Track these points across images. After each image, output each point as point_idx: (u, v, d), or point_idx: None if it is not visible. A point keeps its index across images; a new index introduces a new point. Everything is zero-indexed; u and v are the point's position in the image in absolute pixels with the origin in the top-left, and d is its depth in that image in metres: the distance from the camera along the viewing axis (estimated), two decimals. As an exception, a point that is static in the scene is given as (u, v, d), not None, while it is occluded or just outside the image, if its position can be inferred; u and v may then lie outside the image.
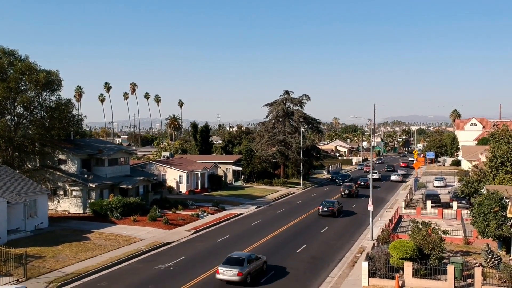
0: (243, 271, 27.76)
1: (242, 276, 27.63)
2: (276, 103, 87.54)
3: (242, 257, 28.98)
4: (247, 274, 28.06)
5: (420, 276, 27.31)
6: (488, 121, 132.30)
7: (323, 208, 51.53)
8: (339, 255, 35.73)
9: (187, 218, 47.97)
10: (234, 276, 27.64)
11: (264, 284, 28.52)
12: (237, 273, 27.62)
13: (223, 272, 28.01)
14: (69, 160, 50.74)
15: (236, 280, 27.64)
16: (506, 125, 57.23)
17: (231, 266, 28.07)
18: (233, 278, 27.69)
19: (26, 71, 47.48)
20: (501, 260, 28.91)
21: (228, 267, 28.01)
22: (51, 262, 32.12)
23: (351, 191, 66.93)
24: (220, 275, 28.10)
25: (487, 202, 33.72)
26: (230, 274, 27.78)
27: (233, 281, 27.81)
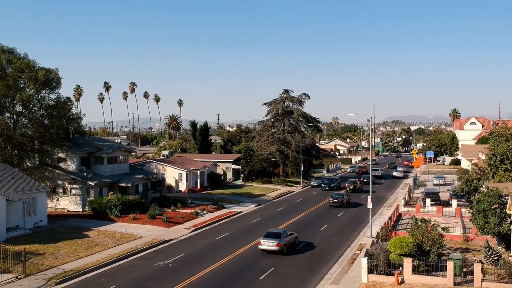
0: (281, 243, 33.88)
1: (280, 246, 33.78)
2: (275, 102, 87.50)
3: (279, 232, 35.34)
4: (284, 245, 34.07)
5: (419, 272, 27.27)
6: (488, 120, 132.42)
7: (333, 200, 56.45)
8: (338, 252, 35.70)
9: (187, 216, 47.93)
10: (274, 247, 33.81)
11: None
12: (276, 244, 33.79)
13: (264, 243, 34.16)
14: (68, 158, 50.67)
15: (275, 249, 33.78)
16: (505, 123, 57.16)
17: (271, 238, 34.13)
18: (272, 248, 33.82)
19: (25, 69, 47.39)
20: (501, 257, 28.87)
21: (268, 239, 34.10)
22: (50, 259, 32.07)
23: (356, 186, 71.78)
24: (262, 246, 34.24)
25: (486, 199, 33.70)
26: (270, 245, 33.94)
27: (273, 250, 33.88)
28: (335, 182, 73.30)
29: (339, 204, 55.72)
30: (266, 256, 33.94)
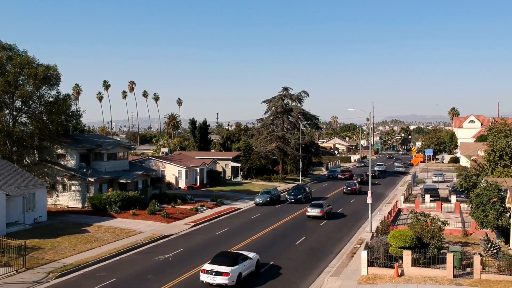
0: (324, 210, 46.06)
1: (323, 213, 45.98)
2: (274, 100, 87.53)
3: (321, 203, 48.17)
4: (325, 212, 46.39)
5: (419, 265, 27.35)
6: (487, 118, 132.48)
7: (347, 188, 65.76)
8: (338, 247, 35.77)
9: (186, 212, 47.98)
10: (318, 213, 45.89)
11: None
12: (319, 211, 46.00)
13: (311, 211, 46.23)
14: (68, 154, 50.69)
15: (320, 215, 45.84)
16: (504, 119, 57.30)
17: (315, 207, 46.54)
18: (317, 214, 45.84)
19: (25, 65, 47.47)
20: (500, 250, 28.95)
21: (313, 208, 46.48)
22: (50, 253, 32.14)
23: (363, 179, 76.40)
24: (309, 213, 46.25)
25: (485, 193, 33.79)
26: (315, 212, 45.94)
27: (318, 216, 45.86)
28: (303, 193, 57.49)
29: (352, 192, 64.79)
30: (265, 250, 33.99)
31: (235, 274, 25.53)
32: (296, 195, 56.85)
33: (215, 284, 25.45)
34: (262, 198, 55.06)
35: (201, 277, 25.81)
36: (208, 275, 25.44)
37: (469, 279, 25.84)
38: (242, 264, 26.61)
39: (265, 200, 54.63)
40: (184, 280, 27.27)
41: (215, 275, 25.27)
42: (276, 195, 56.95)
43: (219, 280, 25.16)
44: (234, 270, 25.56)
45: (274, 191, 58.05)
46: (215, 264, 25.83)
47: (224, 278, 25.09)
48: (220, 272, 25.22)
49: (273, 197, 56.11)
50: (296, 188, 60.13)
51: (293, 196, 56.65)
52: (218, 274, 25.21)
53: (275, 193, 57.30)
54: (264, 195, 55.92)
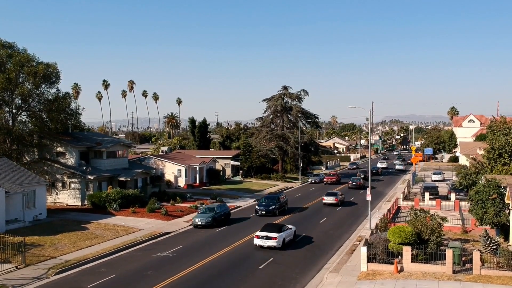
0: (338, 198, 52.75)
1: (338, 201, 52.60)
2: (274, 98, 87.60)
3: (336, 192, 54.73)
4: (339, 200, 52.97)
5: (418, 261, 27.36)
6: (486, 118, 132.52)
7: (352, 183, 70.18)
8: (338, 244, 35.79)
9: (186, 210, 48.00)
10: (333, 201, 52.65)
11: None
12: (334, 199, 52.61)
13: (327, 199, 52.97)
14: (68, 152, 50.72)
15: (334, 202, 52.56)
16: (504, 117, 57.30)
17: (331, 196, 53.16)
18: (332, 202, 52.63)
19: (25, 63, 47.49)
20: (499, 246, 28.98)
21: (329, 196, 53.07)
22: (50, 250, 32.16)
23: (366, 175, 75.31)
24: (325, 200, 53.14)
25: (485, 190, 33.83)
26: (331, 199, 52.85)
27: (332, 203, 52.61)
28: (276, 203, 48.01)
29: (357, 186, 69.22)
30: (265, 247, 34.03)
31: (281, 238, 32.88)
32: (268, 206, 47.01)
33: (266, 246, 32.57)
34: (202, 218, 41.12)
35: (254, 241, 33.26)
36: (260, 239, 32.78)
37: (468, 275, 25.85)
38: (285, 232, 34.00)
39: (206, 221, 40.79)
40: (184, 276, 27.27)
41: (266, 239, 32.59)
42: (222, 213, 43.15)
43: (269, 243, 32.48)
44: (280, 235, 32.94)
45: (221, 207, 43.87)
46: (265, 232, 33.10)
47: (273, 241, 32.43)
48: (270, 236, 32.63)
49: (219, 215, 42.36)
50: (268, 197, 50.31)
51: (264, 207, 46.73)
52: (268, 238, 32.59)
53: (221, 211, 43.28)
54: (205, 213, 41.91)
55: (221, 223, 42.18)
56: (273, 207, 47.10)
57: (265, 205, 47.40)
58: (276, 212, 46.87)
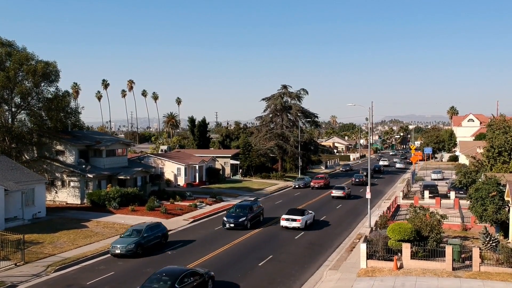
0: (346, 192, 57.53)
1: (345, 194, 57.38)
2: (274, 97, 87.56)
3: (343, 186, 60.04)
4: (347, 193, 57.89)
5: (418, 258, 27.33)
6: (486, 117, 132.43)
7: (355, 179, 73.57)
8: (337, 241, 35.80)
9: (185, 208, 47.97)
10: (341, 194, 57.28)
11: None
12: (342, 193, 57.35)
13: (335, 192, 57.70)
14: (67, 150, 50.67)
15: (342, 195, 57.14)
16: (503, 116, 57.37)
17: (339, 189, 57.98)
18: (340, 195, 57.24)
19: (24, 61, 47.41)
20: (499, 243, 28.91)
21: (337, 190, 57.88)
22: (49, 247, 32.13)
23: None
24: (333, 194, 57.78)
25: (485, 187, 33.82)
26: (339, 193, 57.49)
27: (341, 196, 57.20)
28: (248, 214, 40.20)
29: (360, 183, 71.44)
30: (266, 244, 34.05)
31: (303, 221, 39.02)
32: (238, 217, 39.49)
33: (291, 227, 38.66)
34: (123, 244, 30.58)
35: (281, 223, 39.24)
36: (286, 221, 38.99)
37: (468, 272, 25.83)
38: (307, 215, 40.19)
39: (128, 249, 30.42)
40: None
41: (291, 221, 38.79)
42: (152, 237, 32.37)
43: (294, 224, 38.66)
44: (303, 218, 39.11)
45: (152, 229, 32.88)
46: (290, 215, 39.21)
47: (297, 223, 38.62)
48: (294, 219, 38.78)
49: (146, 240, 31.72)
50: (240, 206, 41.86)
51: (232, 219, 39.31)
52: (293, 220, 38.76)
53: (152, 234, 32.55)
54: (129, 237, 31.48)
55: (151, 250, 31.75)
56: (243, 219, 39.12)
57: (234, 217, 39.64)
58: (247, 225, 39.06)
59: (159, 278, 21.66)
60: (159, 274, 22.06)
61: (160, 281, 21.40)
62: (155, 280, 21.61)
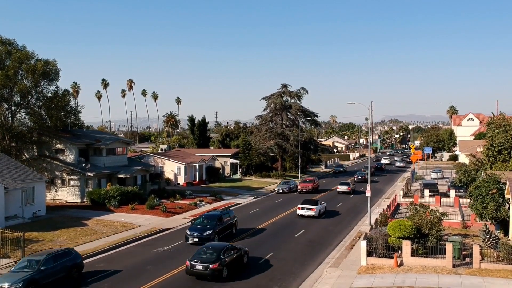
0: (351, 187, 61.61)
1: (350, 189, 61.08)
2: (273, 96, 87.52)
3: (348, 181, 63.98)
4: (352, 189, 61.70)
5: (418, 255, 27.34)
6: (485, 116, 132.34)
7: (358, 177, 75.19)
8: (337, 239, 35.79)
9: (185, 206, 47.96)
10: (346, 189, 60.89)
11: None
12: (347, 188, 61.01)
13: (341, 188, 61.27)
14: (67, 149, 50.63)
15: (348, 190, 60.77)
16: (503, 114, 57.34)
17: (344, 185, 61.80)
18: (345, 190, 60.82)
19: (24, 60, 47.38)
20: (499, 240, 28.90)
21: (343, 185, 61.69)
22: (49, 245, 32.09)
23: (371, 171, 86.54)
24: (339, 189, 61.32)
25: (485, 185, 33.81)
26: (344, 188, 61.05)
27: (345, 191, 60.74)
28: (216, 226, 34.35)
29: (362, 180, 72.23)
30: (265, 241, 34.06)
31: (317, 210, 44.12)
32: (203, 230, 33.56)
33: (306, 215, 43.50)
34: (7, 283, 22.66)
35: (297, 211, 44.38)
36: (302, 210, 43.99)
37: (468, 269, 25.82)
38: (320, 205, 45.30)
39: None
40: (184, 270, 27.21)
41: (306, 209, 43.83)
42: (52, 271, 24.37)
43: (309, 212, 43.66)
44: (317, 207, 44.26)
45: (55, 259, 24.97)
46: (306, 204, 44.40)
47: (312, 211, 43.62)
48: (309, 208, 43.91)
49: (44, 276, 23.89)
50: (208, 216, 35.96)
51: (197, 232, 33.47)
52: (308, 209, 43.83)
53: (55, 266, 24.64)
54: (18, 273, 23.68)
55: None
56: (209, 232, 33.29)
57: (199, 229, 33.84)
58: (214, 239, 33.07)
59: (206, 251, 26.02)
60: (205, 248, 26.48)
61: (207, 253, 25.76)
62: (202, 252, 25.94)
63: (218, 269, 24.93)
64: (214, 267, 24.83)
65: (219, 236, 33.95)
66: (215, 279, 25.03)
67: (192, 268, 25.20)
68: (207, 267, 24.85)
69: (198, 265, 25.12)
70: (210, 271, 24.81)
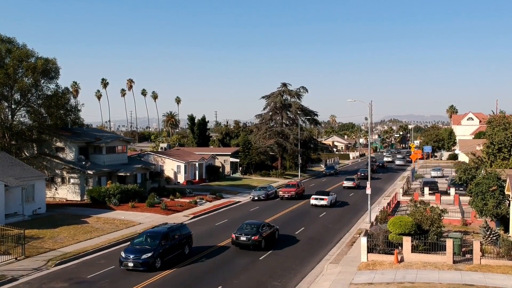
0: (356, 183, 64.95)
1: (355, 184, 64.74)
2: (273, 95, 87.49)
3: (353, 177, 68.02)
4: (357, 184, 65.22)
5: (419, 251, 27.36)
6: (485, 115, 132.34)
7: (361, 174, 77.44)
8: (337, 237, 35.83)
9: (186, 204, 47.96)
10: (352, 184, 64.57)
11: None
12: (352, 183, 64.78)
13: (346, 183, 65.21)
14: (67, 147, 50.62)
15: (353, 186, 64.67)
16: (503, 112, 57.35)
17: (350, 180, 65.57)
18: (351, 185, 64.44)
19: (24, 58, 47.36)
20: (500, 237, 28.94)
21: (348, 181, 65.61)
22: (50, 242, 32.10)
23: (373, 168, 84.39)
24: (344, 184, 65.37)
25: (485, 182, 33.85)
26: (350, 183, 64.88)
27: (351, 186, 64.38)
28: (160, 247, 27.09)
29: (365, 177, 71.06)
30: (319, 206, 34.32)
31: (329, 200, 49.07)
32: (141, 253, 26.41)
33: (319, 205, 48.41)
34: None
35: (311, 201, 49.31)
36: (315, 200, 49.06)
37: (469, 265, 25.86)
38: (331, 196, 50.39)
39: None
40: (185, 267, 27.23)
41: (319, 200, 48.85)
42: None
43: (322, 202, 48.66)
44: (329, 198, 49.21)
45: None
46: (318, 195, 49.68)
47: (324, 201, 48.65)
48: (322, 198, 48.97)
49: None
50: (151, 234, 28.33)
51: (132, 255, 26.34)
52: (321, 199, 48.90)
53: None
54: None
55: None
56: (149, 256, 26.10)
57: (137, 251, 26.63)
58: (154, 264, 26.24)
59: (247, 227, 31.87)
60: (246, 224, 32.41)
61: (248, 228, 31.55)
62: (245, 227, 31.86)
63: (258, 240, 30.63)
64: (255, 239, 30.58)
65: (163, 259, 26.87)
66: (256, 248, 30.55)
67: (237, 240, 30.91)
68: (250, 238, 30.62)
69: (242, 237, 30.81)
70: (252, 242, 30.57)
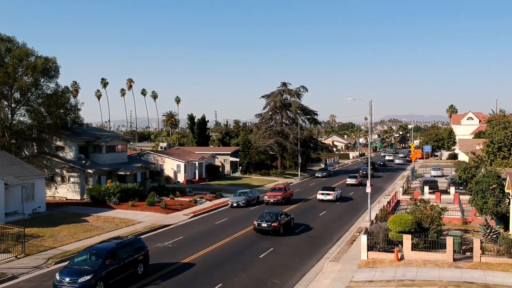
0: (359, 180, 67.64)
1: (358, 182, 67.03)
2: (273, 95, 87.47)
3: (356, 175, 70.65)
4: (360, 181, 67.33)
5: (419, 249, 27.35)
6: (485, 115, 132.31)
7: (363, 172, 78.08)
8: (337, 235, 35.85)
9: (185, 203, 47.95)
10: (354, 182, 66.94)
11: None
12: (355, 181, 67.24)
13: (349, 180, 67.67)
14: (67, 146, 50.62)
15: (356, 183, 66.71)
16: (503, 111, 57.37)
17: (353, 178, 68.07)
18: (354, 182, 66.98)
19: (24, 57, 47.29)
20: (500, 235, 28.93)
21: (351, 178, 68.02)
22: (50, 241, 32.10)
23: (375, 166, 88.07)
24: (348, 182, 67.69)
25: (485, 180, 33.83)
26: (353, 181, 67.22)
27: (354, 184, 66.78)
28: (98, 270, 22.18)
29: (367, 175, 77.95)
30: (266, 237, 34.08)
31: (335, 195, 52.01)
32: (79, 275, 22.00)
33: (326, 200, 51.32)
34: None
35: (318, 196, 52.28)
36: (322, 195, 51.94)
37: (469, 262, 25.84)
38: (337, 191, 53.24)
39: None
40: (185, 265, 27.24)
41: (326, 195, 51.70)
42: None
43: (328, 197, 51.49)
44: (335, 193, 52.13)
45: None
46: (325, 190, 52.49)
47: (331, 196, 51.47)
48: (328, 193, 51.93)
49: None
50: (95, 252, 23.86)
51: (69, 278, 21.99)
52: (327, 194, 51.84)
53: None
54: None
55: None
56: (88, 279, 21.74)
57: (74, 273, 22.22)
58: None
59: (267, 215, 35.62)
60: (266, 213, 36.24)
61: (268, 216, 35.45)
62: (265, 215, 35.69)
63: (277, 227, 34.60)
64: (275, 225, 34.55)
65: (107, 282, 22.48)
66: (275, 234, 34.52)
67: (259, 226, 34.85)
68: (270, 225, 34.61)
69: (263, 224, 34.79)
70: (272, 228, 34.54)
